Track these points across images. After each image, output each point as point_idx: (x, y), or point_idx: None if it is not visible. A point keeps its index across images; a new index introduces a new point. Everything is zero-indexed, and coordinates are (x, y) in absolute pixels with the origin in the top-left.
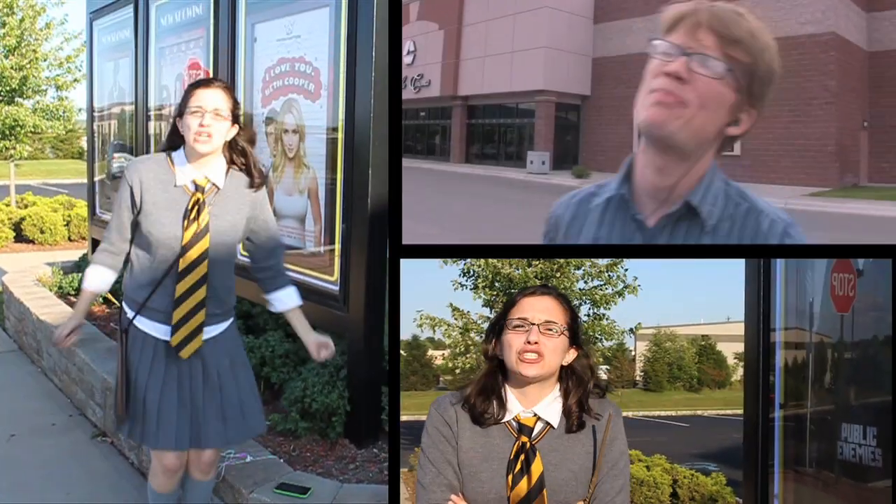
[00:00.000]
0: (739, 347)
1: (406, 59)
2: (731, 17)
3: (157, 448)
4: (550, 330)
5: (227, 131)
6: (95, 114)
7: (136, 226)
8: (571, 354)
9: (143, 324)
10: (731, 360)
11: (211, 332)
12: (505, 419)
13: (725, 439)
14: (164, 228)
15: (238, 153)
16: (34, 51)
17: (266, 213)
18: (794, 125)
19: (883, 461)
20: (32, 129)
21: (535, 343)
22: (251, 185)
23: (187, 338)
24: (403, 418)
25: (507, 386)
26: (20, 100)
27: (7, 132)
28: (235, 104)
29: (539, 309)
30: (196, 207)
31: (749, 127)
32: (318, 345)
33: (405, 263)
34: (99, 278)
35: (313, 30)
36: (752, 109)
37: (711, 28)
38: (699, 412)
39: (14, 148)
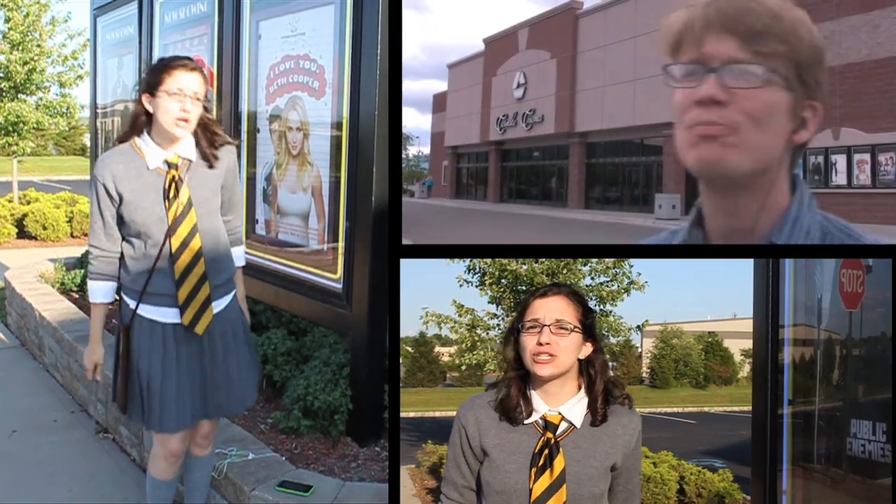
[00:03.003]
0: (746, 344)
1: (516, 93)
2: (742, 7)
3: (164, 431)
4: (562, 328)
5: (199, 115)
6: (99, 110)
7: (120, 219)
8: (587, 349)
9: (146, 311)
10: (737, 357)
11: (218, 305)
12: (533, 419)
13: (732, 436)
14: (147, 213)
15: (204, 134)
16: (38, 46)
17: (235, 176)
18: None
19: (892, 457)
20: (35, 126)
21: (547, 344)
22: (209, 160)
23: (198, 313)
24: (411, 415)
25: (531, 386)
26: (23, 96)
27: (10, 128)
28: (207, 88)
29: (550, 309)
30: (174, 185)
31: (818, 125)
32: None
33: (412, 261)
34: (104, 290)
35: (318, 27)
36: (813, 103)
37: (726, 28)
38: (705, 409)
39: (17, 144)
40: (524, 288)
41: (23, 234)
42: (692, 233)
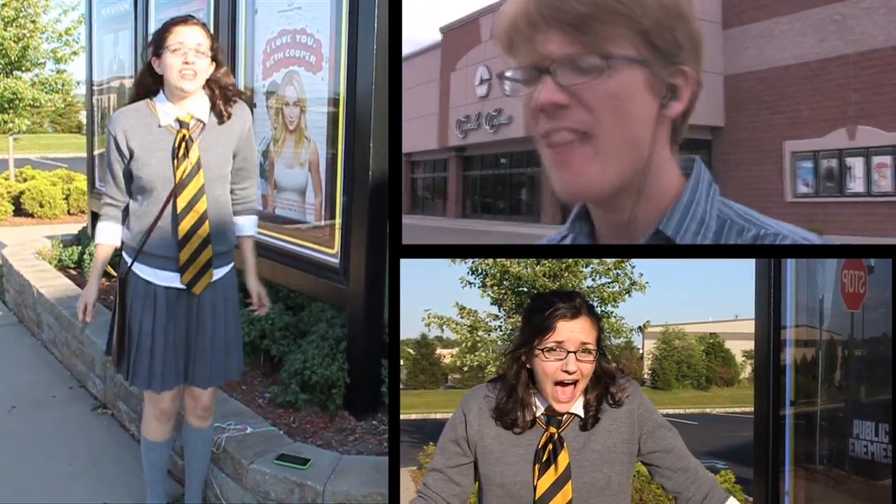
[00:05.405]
0: (747, 345)
1: (479, 91)
2: None
3: (151, 388)
4: (586, 352)
5: (207, 68)
6: (95, 87)
7: (128, 174)
8: None
9: (143, 270)
10: (739, 358)
11: (217, 273)
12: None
13: (734, 437)
14: (154, 170)
15: (219, 89)
16: (33, 22)
17: (250, 143)
18: None
19: (894, 458)
20: (31, 103)
21: (574, 372)
22: (221, 116)
23: (198, 275)
24: (412, 416)
25: (534, 392)
26: (19, 73)
27: (6, 105)
28: (213, 41)
29: (575, 332)
30: (184, 144)
31: (694, 90)
32: (258, 296)
33: (413, 262)
34: (110, 232)
35: (315, 1)
36: (681, 67)
37: (549, 20)
38: (707, 410)
39: (13, 121)
40: (525, 290)
41: (19, 211)
42: (576, 226)
